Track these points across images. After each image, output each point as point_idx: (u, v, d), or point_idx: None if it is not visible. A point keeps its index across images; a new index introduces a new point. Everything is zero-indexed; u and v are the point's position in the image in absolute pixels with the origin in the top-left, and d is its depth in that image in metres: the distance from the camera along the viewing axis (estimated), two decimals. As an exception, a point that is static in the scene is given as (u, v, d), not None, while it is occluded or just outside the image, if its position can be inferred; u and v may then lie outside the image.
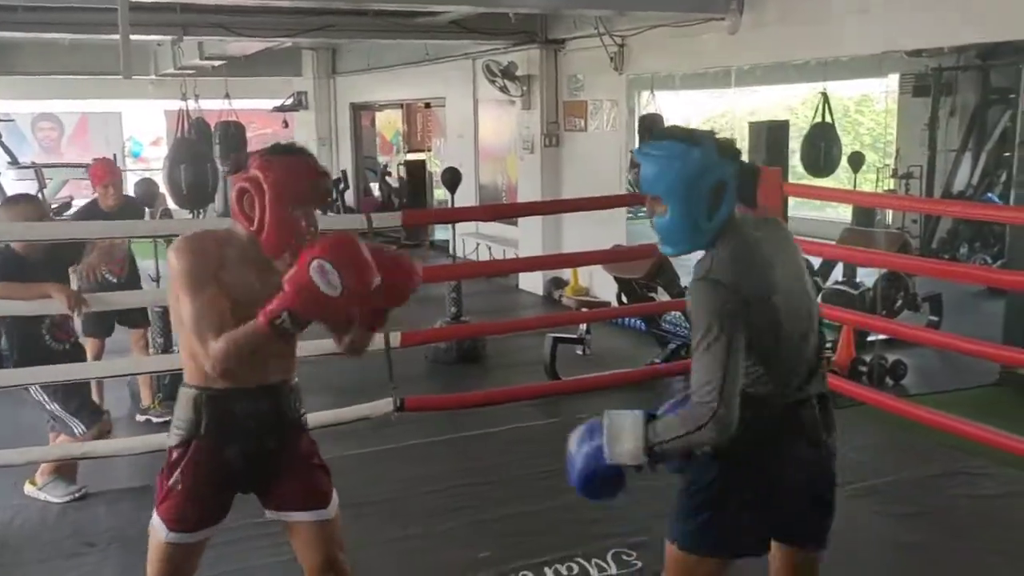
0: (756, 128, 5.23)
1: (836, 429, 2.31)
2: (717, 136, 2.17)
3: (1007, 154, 10.24)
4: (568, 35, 9.20)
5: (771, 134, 5.09)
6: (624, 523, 3.74)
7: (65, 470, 4.29)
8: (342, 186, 14.31)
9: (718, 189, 2.09)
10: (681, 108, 15.69)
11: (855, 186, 9.46)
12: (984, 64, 10.53)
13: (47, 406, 4.19)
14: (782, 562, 2.37)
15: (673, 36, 7.69)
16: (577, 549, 3.54)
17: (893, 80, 11.48)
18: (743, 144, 6.26)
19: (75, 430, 4.21)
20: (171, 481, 2.33)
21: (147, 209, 6.42)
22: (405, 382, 4.77)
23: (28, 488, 4.30)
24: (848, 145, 11.11)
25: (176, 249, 2.26)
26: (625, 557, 3.49)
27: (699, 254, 2.18)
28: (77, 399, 4.21)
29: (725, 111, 16.28)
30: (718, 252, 2.12)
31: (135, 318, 5.69)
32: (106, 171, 5.59)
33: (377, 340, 4.58)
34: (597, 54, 8.55)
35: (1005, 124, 10.40)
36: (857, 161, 9.80)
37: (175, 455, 2.35)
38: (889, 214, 9.95)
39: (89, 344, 5.39)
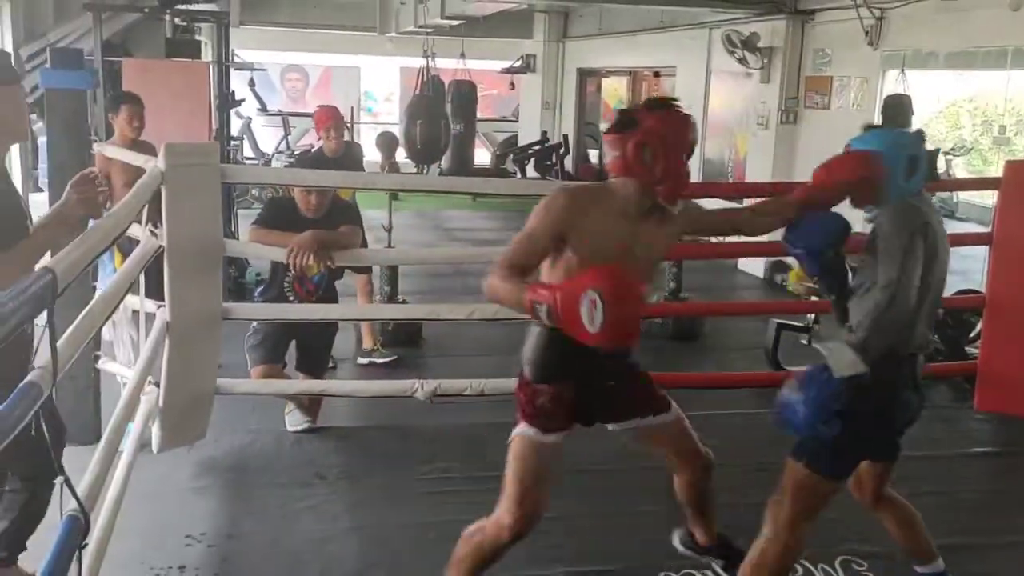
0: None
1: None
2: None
3: None
4: (819, 6, 8.68)
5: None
6: (855, 530, 3.50)
7: (301, 403, 4.51)
8: (562, 151, 14.36)
9: (912, 161, 2.75)
10: (927, 90, 14.54)
11: None
12: None
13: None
14: (870, 473, 2.98)
15: (941, 10, 7.07)
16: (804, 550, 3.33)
17: None
18: (1017, 132, 5.65)
19: (249, 365, 4.40)
20: (538, 404, 2.62)
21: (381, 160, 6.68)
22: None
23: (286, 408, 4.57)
24: None
25: (549, 199, 2.52)
26: (856, 567, 3.27)
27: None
28: (257, 338, 4.36)
29: (973, 96, 14.97)
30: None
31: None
32: (328, 115, 5.75)
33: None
34: (850, 27, 8.02)
35: None
36: None
37: (537, 389, 2.62)
38: None
39: (358, 280, 5.71)
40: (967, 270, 6.65)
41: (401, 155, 8.75)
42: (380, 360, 5.79)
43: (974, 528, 3.53)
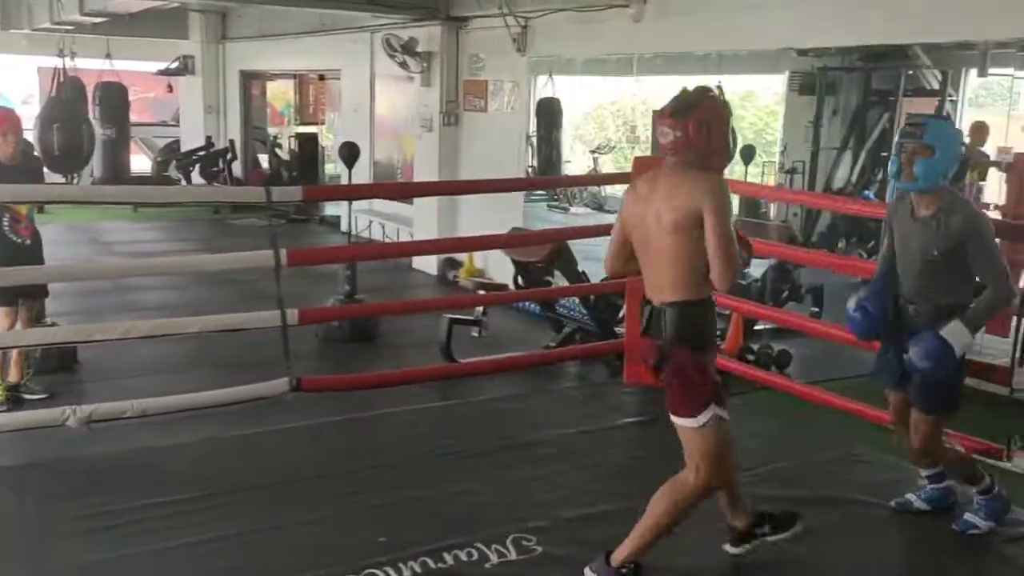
0: (660, 116, 5.25)
1: None
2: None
3: (884, 154, 10.72)
4: (471, 13, 9.10)
5: (675, 123, 5.13)
6: (523, 508, 3.73)
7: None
8: (229, 156, 13.84)
9: (960, 156, 3.40)
10: (578, 94, 15.79)
11: (746, 178, 9.73)
12: (866, 66, 10.96)
13: None
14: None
15: (577, 21, 7.70)
16: (476, 534, 3.49)
17: (777, 79, 11.85)
18: (646, 131, 6.30)
19: None
20: (716, 378, 2.94)
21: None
22: (295, 360, 4.60)
23: None
24: (734, 139, 11.42)
25: (721, 186, 2.86)
26: (525, 543, 3.46)
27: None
28: None
29: (615, 99, 16.49)
30: (963, 197, 3.59)
31: (34, 288, 5.27)
32: (3, 118, 5.27)
33: (273, 317, 4.44)
34: (500, 34, 8.49)
35: (884, 125, 10.86)
36: (749, 154, 10.08)
37: (708, 357, 2.93)
38: (772, 207, 10.26)
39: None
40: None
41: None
42: (30, 396, 5.27)
43: (624, 493, 3.88)
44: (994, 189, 7.54)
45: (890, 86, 10.76)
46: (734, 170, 10.64)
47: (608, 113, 18.14)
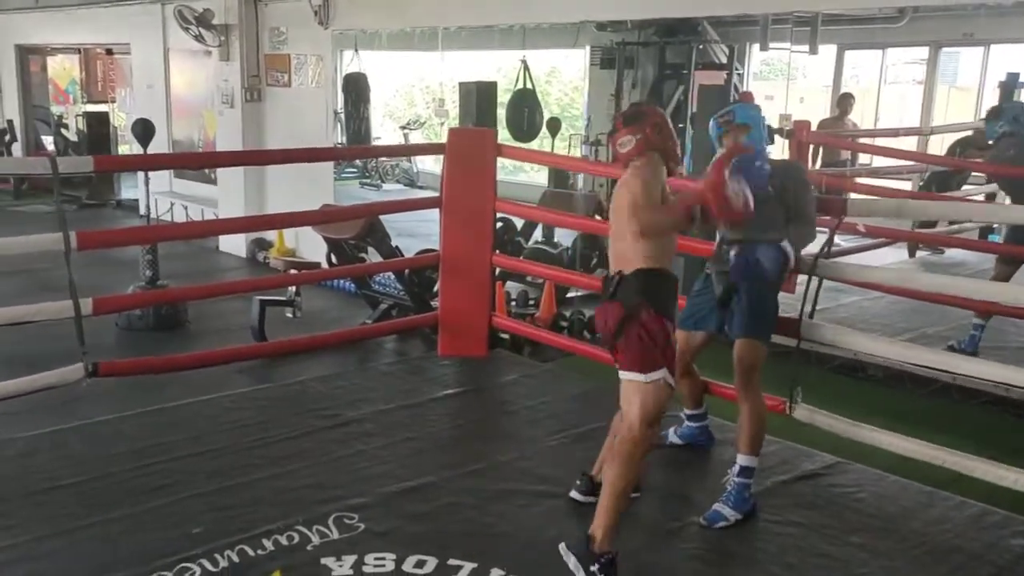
0: (466, 88, 5.27)
1: None
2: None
3: (680, 125, 11.27)
4: (269, -16, 8.81)
5: (480, 94, 5.17)
6: (344, 487, 3.69)
7: None
8: (7, 138, 12.80)
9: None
10: (385, 69, 15.65)
11: (553, 150, 9.96)
12: (661, 41, 11.44)
13: None
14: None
15: (379, -8, 7.61)
16: (297, 517, 3.42)
17: (579, 54, 12.20)
18: (455, 106, 6.30)
19: None
20: (674, 346, 3.19)
21: None
22: (95, 353, 4.31)
23: None
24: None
25: (649, 164, 3.20)
26: (347, 520, 3.43)
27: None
28: None
29: (424, 76, 16.48)
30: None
31: None
32: None
33: (64, 308, 4.14)
34: (300, 6, 8.27)
35: (679, 98, 11.40)
36: (554, 126, 10.31)
37: (664, 322, 3.11)
38: (580, 177, 10.58)
39: None
40: (429, 233, 7.29)
41: None
42: None
43: (445, 463, 3.93)
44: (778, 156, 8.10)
45: (683, 60, 11.28)
46: (543, 143, 10.90)
47: (417, 90, 18.10)
